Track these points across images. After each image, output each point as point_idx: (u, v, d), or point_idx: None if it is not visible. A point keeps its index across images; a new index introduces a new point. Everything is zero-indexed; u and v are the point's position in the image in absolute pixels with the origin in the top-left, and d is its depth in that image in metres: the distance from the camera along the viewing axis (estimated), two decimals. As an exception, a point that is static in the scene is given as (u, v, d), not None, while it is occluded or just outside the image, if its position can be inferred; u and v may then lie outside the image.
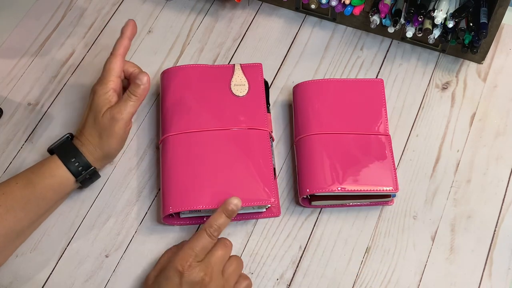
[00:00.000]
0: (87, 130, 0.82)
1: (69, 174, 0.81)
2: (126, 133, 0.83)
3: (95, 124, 0.81)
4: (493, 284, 0.81)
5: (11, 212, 0.78)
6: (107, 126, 0.81)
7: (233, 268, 0.77)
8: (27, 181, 0.80)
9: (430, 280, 0.81)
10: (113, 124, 0.81)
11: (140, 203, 0.86)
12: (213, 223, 0.75)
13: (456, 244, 0.83)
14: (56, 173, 0.80)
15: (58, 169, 0.80)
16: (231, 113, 0.87)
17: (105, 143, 0.81)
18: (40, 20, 1.02)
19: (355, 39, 0.99)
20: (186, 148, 0.84)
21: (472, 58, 0.95)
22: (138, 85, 0.81)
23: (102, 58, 0.98)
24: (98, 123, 0.81)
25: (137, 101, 0.82)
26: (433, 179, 0.87)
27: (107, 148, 0.82)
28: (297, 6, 1.00)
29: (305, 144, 0.85)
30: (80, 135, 0.82)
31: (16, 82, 0.96)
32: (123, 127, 0.81)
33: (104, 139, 0.81)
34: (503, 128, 0.91)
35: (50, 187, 0.80)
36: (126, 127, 0.82)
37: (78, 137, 0.83)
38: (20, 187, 0.79)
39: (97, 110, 0.81)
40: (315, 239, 0.84)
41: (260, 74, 0.90)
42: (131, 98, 0.81)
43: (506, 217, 0.85)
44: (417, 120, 0.92)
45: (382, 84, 0.89)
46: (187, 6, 1.03)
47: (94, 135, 0.81)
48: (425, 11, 0.88)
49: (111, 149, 0.82)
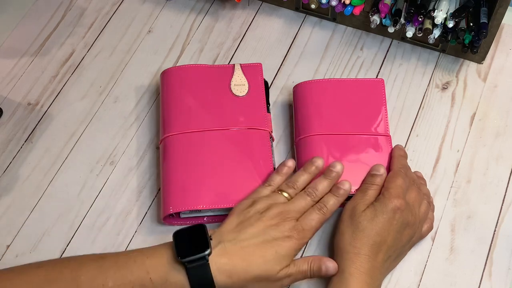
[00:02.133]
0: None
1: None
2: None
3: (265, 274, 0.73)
4: (493, 284, 0.81)
5: None
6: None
7: (414, 196, 0.79)
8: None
9: (430, 280, 0.81)
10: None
11: (140, 203, 0.86)
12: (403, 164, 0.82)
13: (456, 244, 0.83)
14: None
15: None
16: (231, 113, 0.87)
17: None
18: (40, 20, 1.02)
19: (355, 39, 0.99)
20: (186, 148, 0.84)
21: (472, 58, 0.95)
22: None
23: (102, 58, 0.98)
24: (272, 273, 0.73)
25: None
26: (433, 179, 0.87)
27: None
28: (297, 6, 1.00)
29: (306, 144, 0.85)
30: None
31: (16, 82, 0.96)
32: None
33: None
34: (503, 128, 0.91)
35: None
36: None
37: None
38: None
39: (285, 259, 0.74)
40: (315, 239, 0.84)
41: (260, 74, 0.90)
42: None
43: (506, 217, 0.85)
44: (417, 120, 0.92)
45: (383, 84, 0.89)
46: (187, 6, 1.03)
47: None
48: (425, 11, 0.88)
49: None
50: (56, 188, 0.88)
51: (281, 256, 0.73)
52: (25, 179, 0.88)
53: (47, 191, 0.88)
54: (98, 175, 0.89)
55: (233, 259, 0.72)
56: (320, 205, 0.78)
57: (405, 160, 0.83)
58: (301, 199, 0.78)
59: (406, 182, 0.80)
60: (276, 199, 0.78)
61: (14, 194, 0.87)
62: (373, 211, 0.76)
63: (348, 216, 0.78)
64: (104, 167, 0.89)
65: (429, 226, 0.82)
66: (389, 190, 0.78)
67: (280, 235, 0.74)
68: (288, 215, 0.76)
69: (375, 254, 0.75)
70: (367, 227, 0.75)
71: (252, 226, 0.74)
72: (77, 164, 0.90)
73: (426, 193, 0.83)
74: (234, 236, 0.73)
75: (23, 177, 0.89)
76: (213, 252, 0.71)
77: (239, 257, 0.72)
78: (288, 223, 0.75)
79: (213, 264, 0.71)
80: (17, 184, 0.88)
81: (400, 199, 0.77)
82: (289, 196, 0.79)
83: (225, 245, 0.72)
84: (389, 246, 0.76)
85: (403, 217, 0.77)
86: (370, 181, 0.80)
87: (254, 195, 0.79)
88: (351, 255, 0.75)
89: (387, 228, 0.76)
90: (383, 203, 0.77)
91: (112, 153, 0.90)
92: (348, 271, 0.74)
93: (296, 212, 0.77)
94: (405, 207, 0.77)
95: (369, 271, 0.74)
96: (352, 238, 0.76)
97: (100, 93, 0.95)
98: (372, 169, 0.81)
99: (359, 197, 0.79)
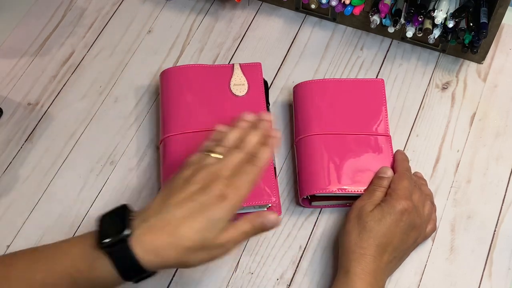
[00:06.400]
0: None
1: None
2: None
3: (203, 235, 0.65)
4: (493, 284, 0.81)
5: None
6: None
7: (417, 197, 0.80)
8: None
9: (430, 280, 0.81)
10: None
11: (140, 203, 0.86)
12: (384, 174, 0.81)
13: (456, 244, 0.83)
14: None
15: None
16: (231, 113, 0.86)
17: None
18: (40, 20, 1.02)
19: (355, 39, 0.99)
20: (186, 148, 0.84)
21: (472, 58, 0.95)
22: (265, 224, 0.68)
23: (102, 58, 0.98)
24: (209, 235, 0.65)
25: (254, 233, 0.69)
26: (433, 179, 0.87)
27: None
28: (297, 6, 1.00)
29: (306, 144, 0.85)
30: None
31: (16, 82, 0.96)
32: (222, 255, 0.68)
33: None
34: (503, 128, 0.91)
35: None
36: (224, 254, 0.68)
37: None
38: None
39: (218, 224, 0.65)
40: (315, 239, 0.84)
41: (260, 74, 0.90)
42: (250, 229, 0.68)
43: (506, 217, 0.85)
44: (417, 120, 0.92)
45: (383, 84, 0.89)
46: (187, 6, 1.03)
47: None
48: (425, 11, 0.88)
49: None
50: (56, 188, 0.88)
51: (214, 221, 0.65)
52: (25, 179, 0.88)
53: (47, 191, 0.88)
54: (98, 175, 0.89)
55: (158, 236, 0.64)
56: (252, 157, 0.70)
57: (407, 163, 0.83)
58: (231, 155, 0.70)
59: (412, 184, 0.80)
60: (204, 161, 0.69)
61: (14, 194, 0.87)
62: (381, 211, 0.76)
63: (355, 216, 0.78)
64: (104, 167, 0.89)
65: (432, 227, 0.82)
66: (396, 191, 0.78)
67: (210, 198, 0.65)
68: (218, 175, 0.67)
69: (381, 255, 0.75)
70: (374, 228, 0.75)
71: (177, 196, 0.66)
72: (77, 164, 0.90)
73: (428, 194, 0.83)
74: (158, 210, 0.65)
75: (23, 177, 0.89)
76: (136, 231, 0.64)
77: (164, 232, 0.64)
78: (218, 182, 0.66)
79: (137, 245, 0.63)
80: (17, 184, 0.88)
81: (408, 200, 0.77)
82: (219, 155, 0.70)
83: (149, 223, 0.64)
84: (394, 247, 0.76)
85: (410, 219, 0.77)
86: (378, 183, 0.80)
87: (182, 165, 0.71)
88: (357, 255, 0.74)
89: (394, 229, 0.76)
90: (390, 204, 0.77)
91: (112, 153, 0.90)
92: (354, 272, 0.74)
93: (227, 170, 0.68)
94: (412, 209, 0.77)
95: (374, 272, 0.74)
96: (359, 238, 0.75)
97: (100, 93, 0.95)
98: (379, 171, 0.81)
99: (366, 198, 0.79)
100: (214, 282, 0.81)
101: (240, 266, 0.82)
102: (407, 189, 0.78)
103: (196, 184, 0.66)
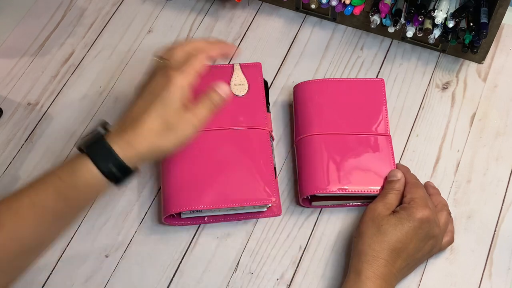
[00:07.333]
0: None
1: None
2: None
3: (161, 116, 0.73)
4: (493, 284, 0.81)
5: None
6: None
7: (432, 206, 0.80)
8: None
9: (430, 280, 0.81)
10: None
11: (140, 203, 0.86)
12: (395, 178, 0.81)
13: (456, 244, 0.83)
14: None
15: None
16: (231, 113, 0.87)
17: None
18: (40, 20, 1.02)
19: (355, 39, 0.99)
20: (186, 148, 0.84)
21: (472, 58, 0.95)
22: (220, 95, 0.77)
23: (102, 58, 0.98)
24: (166, 116, 0.73)
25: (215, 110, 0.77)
26: (433, 179, 0.87)
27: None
28: (297, 6, 1.00)
29: (306, 144, 0.85)
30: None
31: (16, 82, 0.96)
32: (191, 134, 0.75)
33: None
34: (503, 128, 0.91)
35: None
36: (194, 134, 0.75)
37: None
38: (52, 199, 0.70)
39: (171, 102, 0.73)
40: (315, 239, 0.84)
41: (260, 74, 0.90)
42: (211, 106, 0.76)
43: (506, 217, 0.85)
44: (417, 120, 0.92)
45: (383, 84, 0.89)
46: (187, 6, 1.03)
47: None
48: (425, 11, 0.88)
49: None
50: (56, 188, 0.88)
51: (167, 101, 0.72)
52: (25, 179, 0.88)
53: (47, 191, 0.87)
54: (98, 175, 0.89)
55: (127, 132, 0.71)
56: (197, 52, 0.77)
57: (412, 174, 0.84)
58: (178, 52, 0.77)
59: (426, 194, 0.80)
60: (157, 67, 0.77)
61: (14, 194, 0.87)
62: (398, 218, 0.76)
63: (370, 219, 0.77)
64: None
65: (450, 239, 0.81)
66: (415, 200, 0.78)
67: (161, 86, 0.73)
68: (169, 67, 0.75)
69: (394, 260, 0.75)
70: (389, 232, 0.75)
71: (141, 96, 0.74)
72: (77, 164, 0.89)
73: (445, 204, 0.83)
74: (125, 114, 0.73)
75: (23, 177, 0.88)
76: (112, 133, 0.71)
77: (132, 127, 0.71)
78: (168, 73, 0.74)
79: (111, 141, 0.70)
80: (17, 184, 0.88)
81: (428, 209, 0.77)
82: (168, 59, 0.77)
83: (124, 124, 0.72)
84: (409, 254, 0.76)
85: (429, 228, 0.76)
86: (390, 187, 0.80)
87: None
88: (369, 258, 0.74)
89: (411, 237, 0.75)
90: (409, 211, 0.76)
91: (112, 153, 0.90)
92: (365, 274, 0.73)
93: (176, 63, 0.76)
94: (432, 218, 0.77)
95: (386, 276, 0.74)
96: (372, 240, 0.75)
97: (100, 93, 0.95)
98: (389, 175, 0.81)
99: (380, 200, 0.79)
100: (214, 282, 0.81)
101: (240, 266, 0.82)
102: (424, 198, 0.78)
103: (154, 85, 0.74)
